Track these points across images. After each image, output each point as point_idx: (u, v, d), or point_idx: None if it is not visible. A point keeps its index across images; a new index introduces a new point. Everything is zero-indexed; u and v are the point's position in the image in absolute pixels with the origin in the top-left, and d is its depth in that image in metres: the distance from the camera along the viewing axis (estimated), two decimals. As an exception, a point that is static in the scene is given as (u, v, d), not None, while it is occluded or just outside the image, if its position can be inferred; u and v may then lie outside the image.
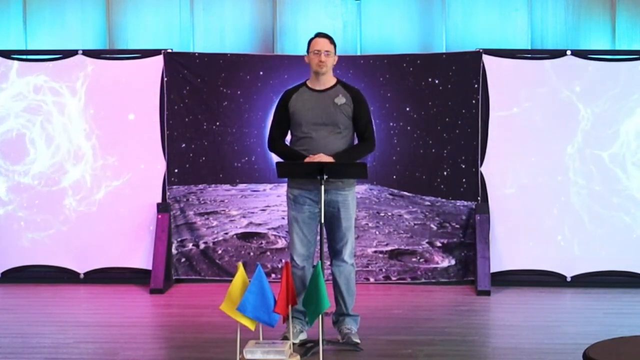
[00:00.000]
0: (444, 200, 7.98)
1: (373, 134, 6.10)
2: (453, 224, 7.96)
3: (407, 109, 7.97)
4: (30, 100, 8.03)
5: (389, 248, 7.99)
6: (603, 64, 7.82)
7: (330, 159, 5.83)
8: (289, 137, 6.13)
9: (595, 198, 7.84)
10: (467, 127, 7.90)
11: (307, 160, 5.85)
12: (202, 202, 8.08)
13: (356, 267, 6.44)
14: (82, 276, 8.08)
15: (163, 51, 7.98)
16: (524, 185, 7.88)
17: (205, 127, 8.02)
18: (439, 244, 7.97)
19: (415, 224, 8.00)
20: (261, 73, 7.98)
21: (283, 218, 7.93)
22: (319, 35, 6.02)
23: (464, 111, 7.90)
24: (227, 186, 8.08)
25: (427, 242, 7.97)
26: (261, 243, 8.05)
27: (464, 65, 7.88)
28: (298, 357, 5.45)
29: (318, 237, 5.96)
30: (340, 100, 5.97)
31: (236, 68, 7.98)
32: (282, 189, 7.65)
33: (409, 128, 7.96)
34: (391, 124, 7.96)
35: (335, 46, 6.00)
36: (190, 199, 8.08)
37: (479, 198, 7.91)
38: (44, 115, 8.02)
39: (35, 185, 8.05)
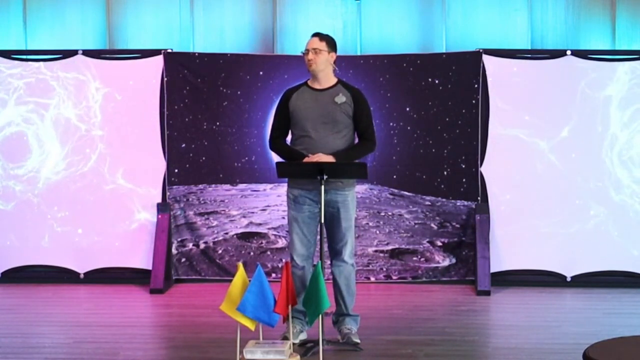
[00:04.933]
0: (444, 200, 7.99)
1: (374, 134, 6.08)
2: (453, 223, 7.96)
3: (407, 109, 7.97)
4: (30, 99, 8.03)
5: (389, 247, 7.99)
6: (603, 64, 7.82)
7: (330, 158, 5.83)
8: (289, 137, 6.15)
9: (595, 198, 7.84)
10: (467, 127, 7.91)
11: (305, 160, 5.86)
12: (202, 202, 8.09)
13: (357, 267, 6.44)
14: (82, 276, 8.08)
15: (163, 51, 7.98)
16: (524, 185, 7.88)
17: (205, 127, 8.02)
18: (439, 244, 7.97)
19: (415, 224, 8.00)
20: (261, 73, 7.98)
21: (283, 218, 7.93)
22: (312, 35, 6.02)
23: (464, 111, 7.91)
24: (227, 186, 8.09)
25: (428, 242, 7.98)
26: (261, 243, 8.05)
27: (464, 65, 7.89)
28: (298, 357, 5.45)
29: (318, 237, 5.96)
30: (341, 99, 5.97)
31: (236, 68, 7.99)
32: (282, 188, 7.65)
33: (409, 128, 7.96)
34: (391, 124, 7.96)
35: (329, 43, 5.94)
36: (190, 199, 8.08)
37: (479, 198, 7.91)
38: (44, 114, 8.02)
39: (35, 185, 8.05)
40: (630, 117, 7.81)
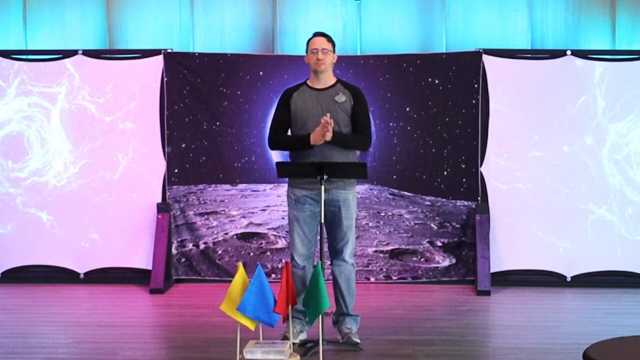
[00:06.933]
0: (444, 200, 7.98)
1: (370, 131, 6.08)
2: (453, 223, 7.96)
3: (407, 109, 7.97)
4: (30, 100, 8.02)
5: (389, 248, 7.99)
6: (603, 64, 7.82)
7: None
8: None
9: (596, 198, 7.84)
10: (467, 127, 7.90)
11: (317, 130, 5.83)
12: (202, 202, 8.08)
13: (357, 267, 6.44)
14: (82, 276, 8.08)
15: (163, 51, 7.98)
16: (524, 185, 7.88)
17: (205, 127, 8.02)
18: (439, 244, 7.97)
19: (415, 224, 8.00)
20: (261, 73, 7.98)
21: (283, 218, 7.93)
22: (316, 34, 6.04)
23: (464, 111, 7.90)
24: (227, 186, 8.08)
25: (428, 242, 7.97)
26: (261, 243, 8.05)
27: (464, 65, 7.88)
28: (298, 357, 5.46)
29: (318, 237, 5.96)
30: (341, 98, 5.98)
31: (236, 68, 7.99)
32: (282, 189, 7.66)
33: (409, 128, 7.96)
34: (391, 124, 7.96)
35: (333, 44, 6.02)
36: (190, 199, 8.08)
37: (479, 198, 7.91)
38: (44, 114, 8.02)
39: (34, 185, 8.04)
40: (634, 118, 7.80)
